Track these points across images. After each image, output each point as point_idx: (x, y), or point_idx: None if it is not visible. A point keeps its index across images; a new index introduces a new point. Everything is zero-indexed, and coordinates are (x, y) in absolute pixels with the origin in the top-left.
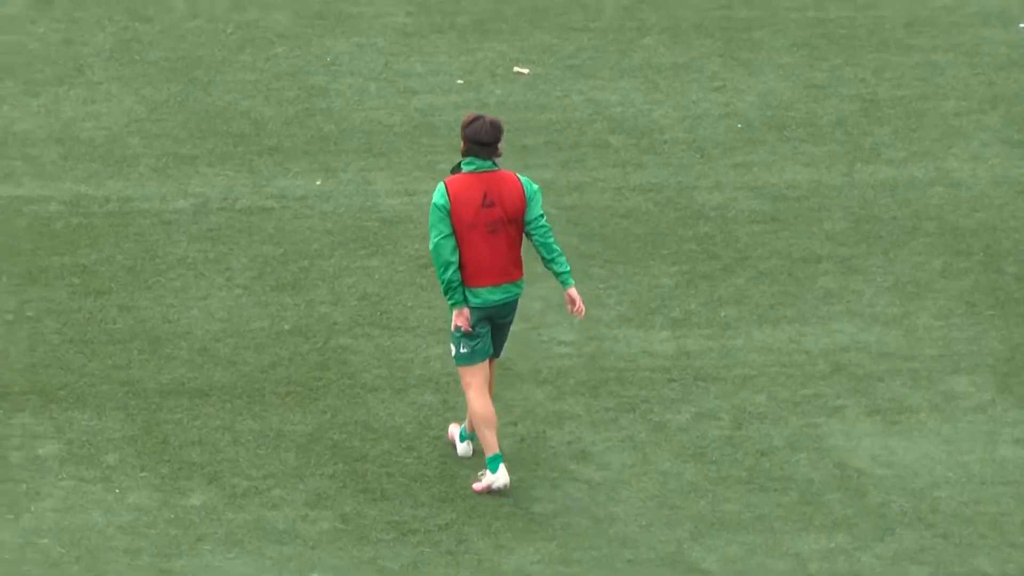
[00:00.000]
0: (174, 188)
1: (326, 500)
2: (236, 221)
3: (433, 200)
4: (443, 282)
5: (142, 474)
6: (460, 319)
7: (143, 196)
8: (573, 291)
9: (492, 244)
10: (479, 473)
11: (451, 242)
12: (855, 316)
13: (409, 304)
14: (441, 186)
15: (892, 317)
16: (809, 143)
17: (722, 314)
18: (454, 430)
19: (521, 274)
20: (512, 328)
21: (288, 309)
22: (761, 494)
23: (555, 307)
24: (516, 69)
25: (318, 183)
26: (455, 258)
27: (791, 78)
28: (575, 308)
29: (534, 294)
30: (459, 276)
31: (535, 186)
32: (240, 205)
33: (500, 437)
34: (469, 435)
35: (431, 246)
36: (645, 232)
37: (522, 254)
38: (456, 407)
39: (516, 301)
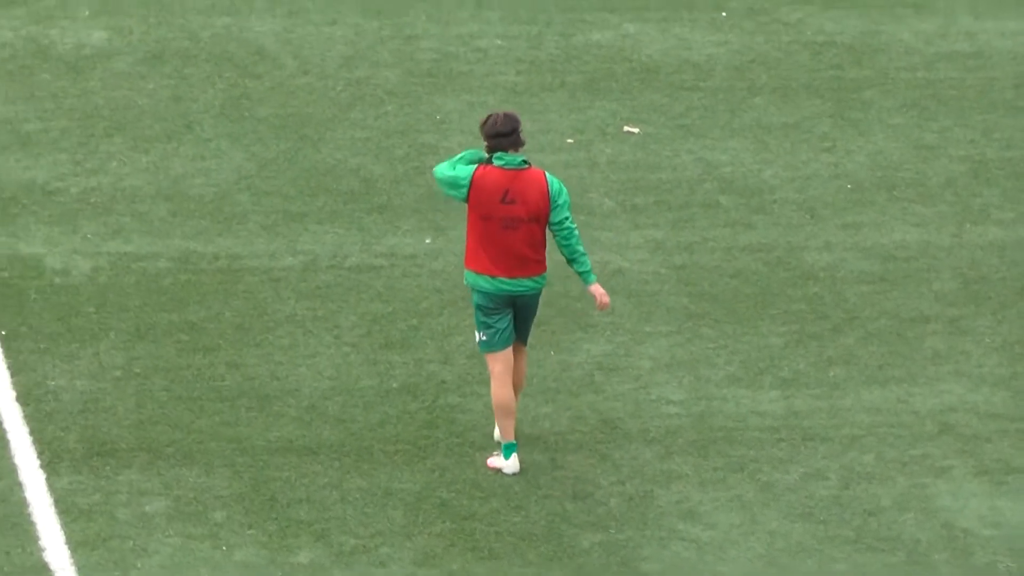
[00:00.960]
0: (283, 245)
1: (434, 559)
2: (345, 279)
3: (459, 172)
4: (441, 174)
5: (249, 531)
6: None
7: (252, 253)
8: (594, 287)
9: (506, 238)
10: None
11: (453, 175)
12: (963, 376)
13: None
14: (473, 168)
15: (1000, 378)
16: (918, 203)
17: (831, 374)
18: (493, 460)
19: (541, 270)
20: (621, 387)
21: (397, 367)
22: (869, 554)
23: (664, 366)
24: (626, 128)
25: (427, 241)
26: (444, 172)
27: (900, 139)
28: (599, 303)
29: (643, 353)
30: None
31: (562, 188)
32: (349, 263)
33: (607, 495)
34: (511, 444)
35: (440, 170)
36: (755, 292)
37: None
38: (564, 466)
39: (535, 295)
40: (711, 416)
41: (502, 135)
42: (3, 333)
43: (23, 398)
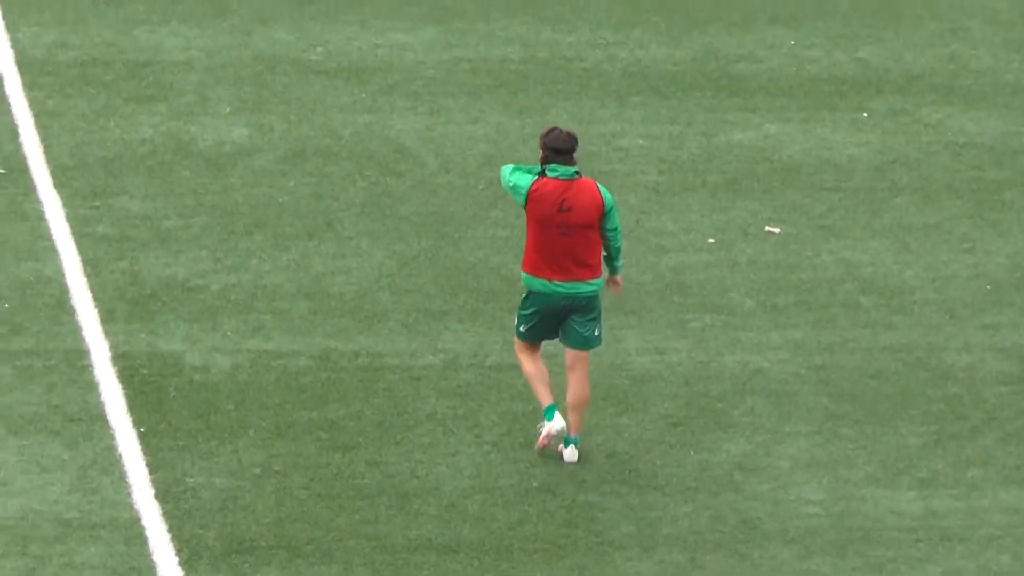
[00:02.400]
0: (424, 344)
1: None
2: (486, 378)
3: (518, 180)
4: (506, 182)
5: None
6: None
7: (393, 351)
8: (618, 276)
9: (563, 244)
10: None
11: (515, 182)
12: None
13: (658, 462)
14: (531, 178)
15: None
16: None
17: (969, 474)
18: (543, 436)
19: (593, 275)
20: (760, 487)
21: (536, 466)
22: None
23: (803, 466)
24: (767, 228)
25: None
26: (513, 179)
27: None
28: (617, 288)
29: (782, 453)
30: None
31: (611, 197)
32: (490, 362)
33: None
34: (551, 406)
35: (505, 172)
36: (894, 392)
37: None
38: (704, 566)
39: (587, 298)
40: (850, 516)
41: (559, 151)
42: (142, 430)
43: (162, 495)
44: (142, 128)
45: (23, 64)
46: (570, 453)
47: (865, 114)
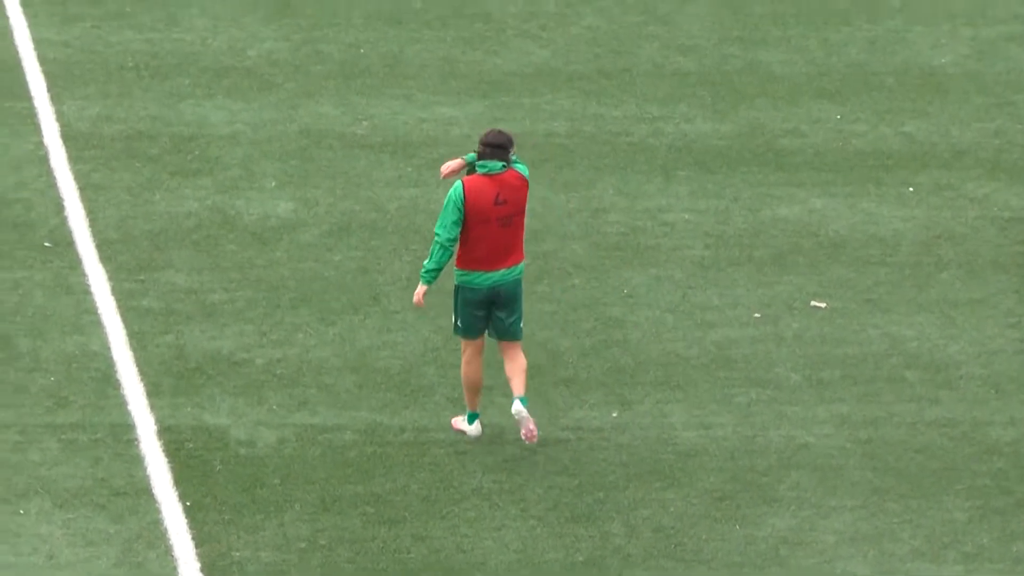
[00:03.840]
0: None
1: None
2: (531, 452)
3: (450, 195)
4: (434, 264)
5: None
6: (420, 295)
7: (438, 426)
8: None
9: (503, 235)
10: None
11: (456, 234)
12: None
13: (704, 537)
14: (459, 184)
15: None
16: None
17: (1014, 549)
18: (458, 421)
19: (521, 258)
20: (806, 561)
21: (583, 540)
22: None
23: (848, 540)
24: (813, 303)
25: (614, 415)
26: (452, 250)
27: None
28: None
29: (827, 527)
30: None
31: (525, 168)
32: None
33: None
34: (475, 413)
35: (441, 232)
36: (939, 467)
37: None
38: None
39: (518, 283)
40: None
41: (495, 145)
42: (188, 504)
43: (208, 569)
44: (188, 202)
45: (68, 137)
46: (517, 407)
47: (911, 189)
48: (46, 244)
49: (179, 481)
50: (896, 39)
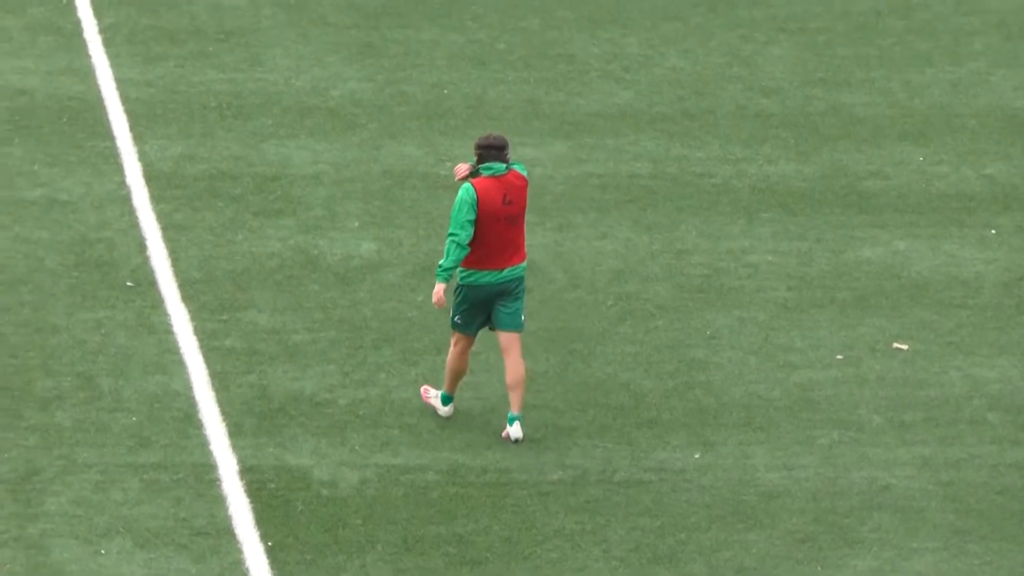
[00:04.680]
0: (552, 459)
1: None
2: (614, 493)
3: (462, 197)
4: (452, 263)
5: None
6: (440, 293)
7: (521, 467)
8: None
9: (508, 234)
10: (432, 392)
11: (471, 232)
12: None
13: None
14: (469, 186)
15: None
16: None
17: None
18: (430, 395)
19: (523, 257)
20: None
21: None
22: None
23: None
24: (895, 345)
25: (696, 456)
26: (468, 248)
27: None
28: None
29: (909, 569)
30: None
31: (524, 169)
32: (618, 477)
33: None
34: (450, 396)
35: (459, 232)
36: (1021, 509)
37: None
38: None
39: (521, 279)
40: None
41: (494, 147)
42: (270, 544)
43: None
44: (270, 242)
45: (151, 177)
46: (515, 430)
47: (993, 231)
48: (128, 284)
49: (261, 521)
50: (978, 81)
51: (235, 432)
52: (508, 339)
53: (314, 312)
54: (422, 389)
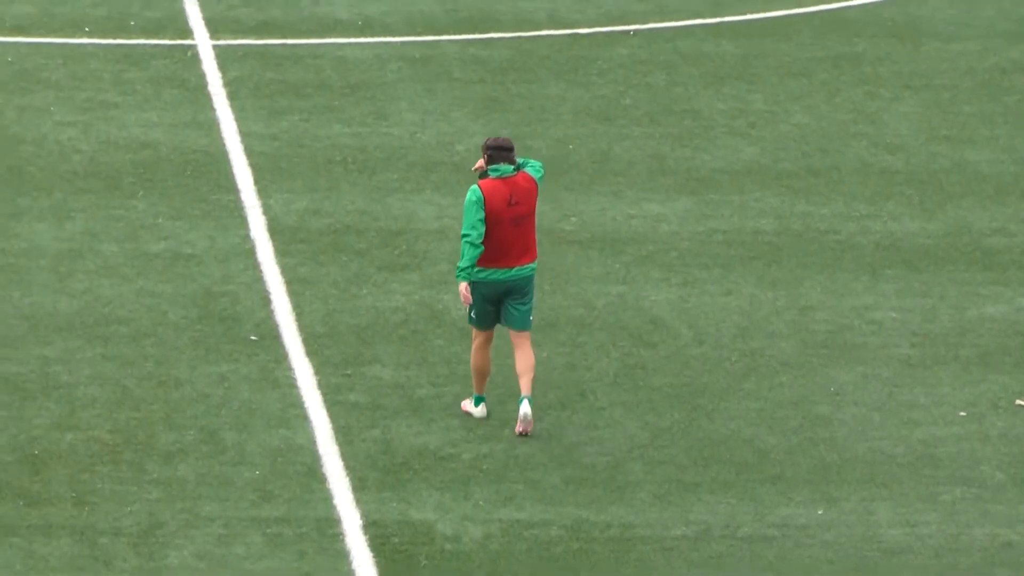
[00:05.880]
0: (675, 515)
1: None
2: (737, 549)
3: (470, 199)
4: (468, 262)
5: None
6: (465, 291)
7: (644, 522)
8: None
9: (515, 234)
10: (467, 399)
11: (482, 231)
12: None
13: None
14: (476, 188)
15: None
16: None
17: None
18: (466, 403)
19: (533, 258)
20: None
21: None
22: None
23: None
24: (1019, 402)
25: (820, 512)
26: (482, 247)
27: None
28: None
29: None
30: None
31: (540, 171)
32: (742, 533)
33: None
34: (481, 396)
35: (471, 232)
36: None
37: None
38: None
39: (531, 279)
40: None
41: (503, 148)
42: None
43: None
44: (395, 296)
45: (275, 231)
46: (524, 407)
47: None
48: (252, 338)
49: None
50: None
51: (359, 486)
52: (518, 336)
53: (438, 367)
54: (462, 405)
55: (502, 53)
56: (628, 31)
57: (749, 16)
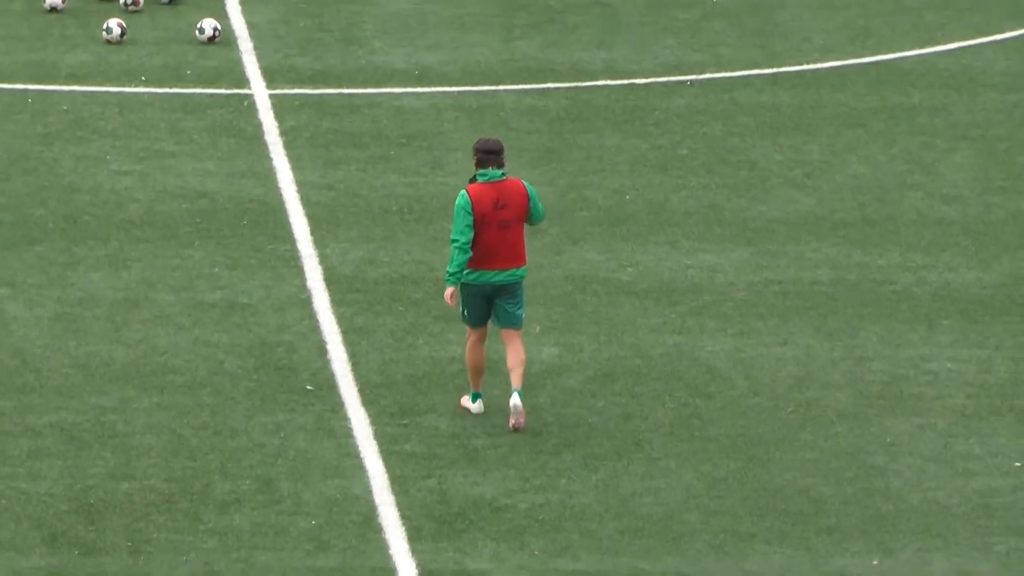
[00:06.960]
0: (731, 565)
1: None
2: None
3: (459, 204)
4: (457, 266)
5: None
6: (449, 296)
7: (700, 572)
8: None
9: (501, 238)
10: (465, 395)
11: (471, 237)
12: None
13: None
14: (464, 192)
15: None
16: None
17: None
18: (464, 400)
19: (524, 262)
20: None
21: None
22: None
23: None
24: None
25: (875, 562)
26: (470, 251)
27: None
28: None
29: None
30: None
31: (534, 189)
32: None
33: None
34: (478, 393)
35: (460, 236)
36: None
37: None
38: None
39: (520, 282)
40: None
41: (491, 152)
42: None
43: None
44: (451, 347)
45: (331, 281)
46: (515, 399)
47: None
48: (308, 387)
49: None
50: None
51: (414, 536)
52: (508, 333)
53: (494, 417)
54: (460, 402)
55: (559, 103)
56: (685, 81)
57: (805, 67)
